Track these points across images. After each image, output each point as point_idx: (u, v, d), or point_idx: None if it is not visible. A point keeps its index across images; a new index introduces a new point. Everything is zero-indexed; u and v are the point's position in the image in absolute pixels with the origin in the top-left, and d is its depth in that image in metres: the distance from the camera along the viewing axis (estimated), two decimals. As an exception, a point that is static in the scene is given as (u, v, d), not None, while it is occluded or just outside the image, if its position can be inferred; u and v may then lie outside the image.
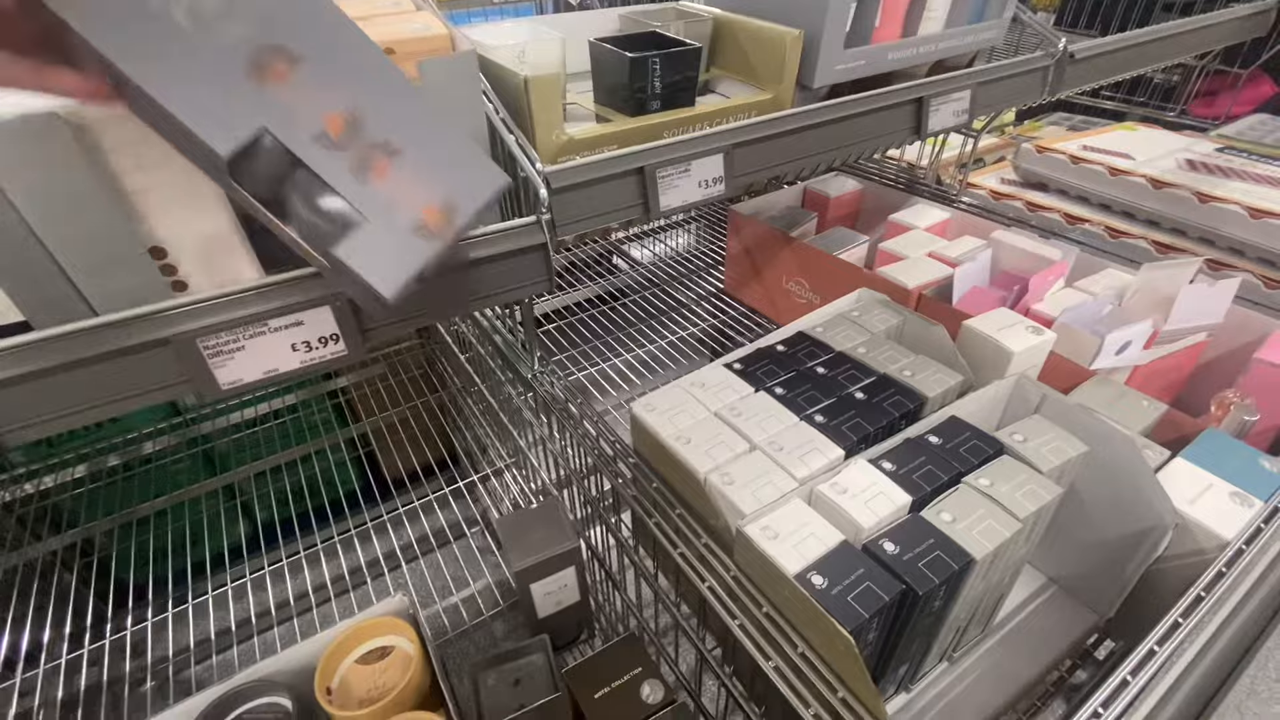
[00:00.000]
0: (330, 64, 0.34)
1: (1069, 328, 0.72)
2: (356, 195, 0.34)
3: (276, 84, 0.32)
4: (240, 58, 0.32)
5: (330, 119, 0.34)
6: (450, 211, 0.37)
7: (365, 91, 0.35)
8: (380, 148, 0.35)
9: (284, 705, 0.52)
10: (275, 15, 0.33)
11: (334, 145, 0.33)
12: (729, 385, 0.62)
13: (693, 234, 1.49)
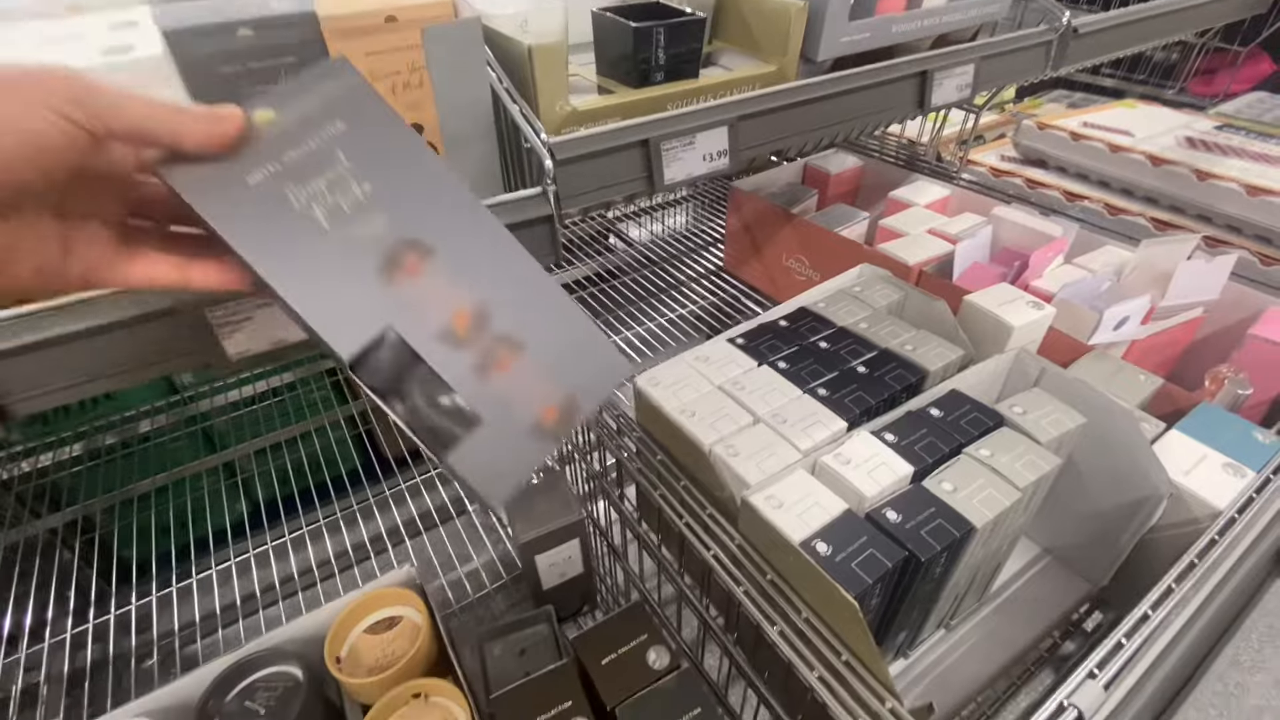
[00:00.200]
0: (463, 255, 0.32)
1: (1068, 303, 0.72)
2: (476, 395, 0.31)
3: (408, 280, 0.31)
4: (374, 254, 0.30)
5: (458, 314, 0.32)
6: (569, 410, 0.33)
7: (495, 283, 0.33)
8: (505, 342, 0.32)
9: (294, 674, 0.53)
10: (414, 206, 0.32)
11: (458, 342, 0.31)
12: (732, 360, 0.63)
13: (689, 212, 1.48)
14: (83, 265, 0.29)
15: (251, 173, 0.29)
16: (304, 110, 0.31)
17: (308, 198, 0.29)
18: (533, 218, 0.50)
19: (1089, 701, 0.41)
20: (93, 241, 0.29)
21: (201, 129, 0.28)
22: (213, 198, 0.28)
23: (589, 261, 1.27)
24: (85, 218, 0.29)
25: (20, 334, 0.36)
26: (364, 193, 0.31)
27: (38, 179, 0.25)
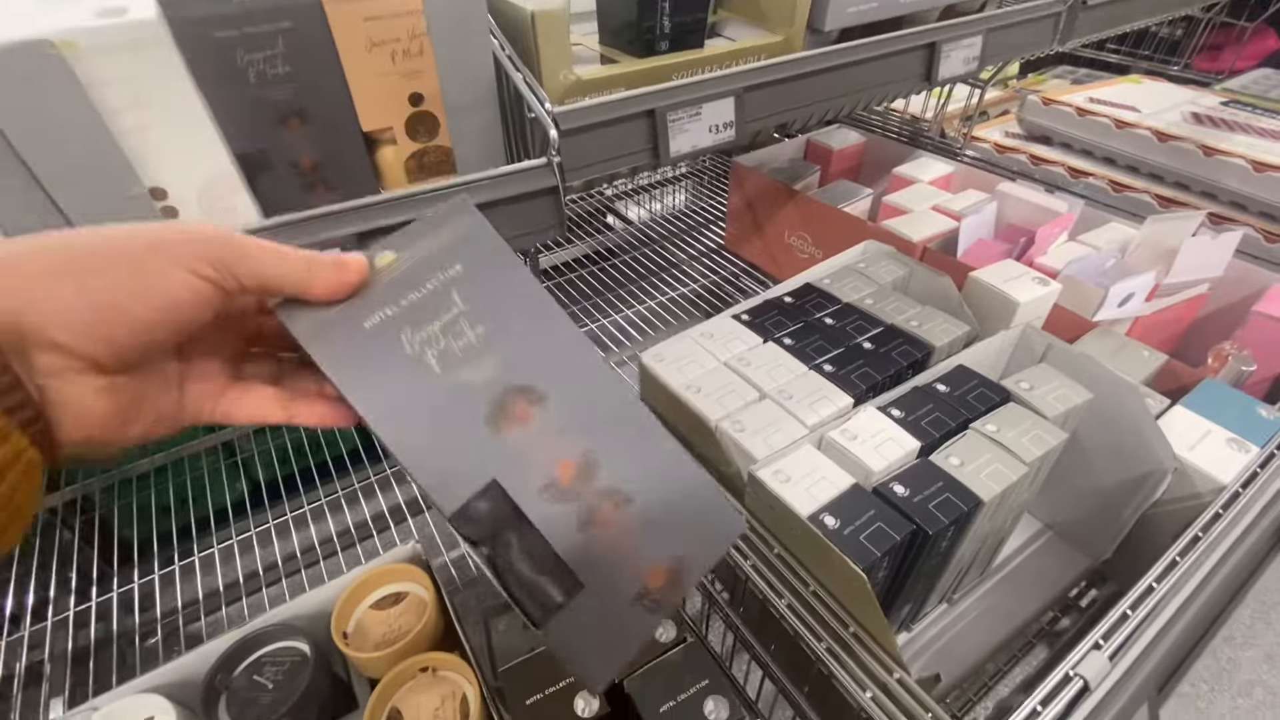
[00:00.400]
0: (572, 401, 0.30)
1: (1074, 279, 0.72)
2: (578, 555, 0.29)
3: (516, 428, 0.29)
4: (483, 401, 0.29)
5: (563, 464, 0.29)
6: (678, 574, 0.30)
7: (603, 430, 0.30)
8: (611, 495, 0.30)
9: (301, 649, 0.53)
10: (526, 350, 0.30)
11: (562, 495, 0.29)
12: (737, 336, 0.62)
13: (687, 190, 1.47)
14: (195, 405, 0.28)
15: (368, 316, 0.28)
16: (425, 252, 0.30)
17: (421, 342, 0.28)
18: (537, 189, 0.49)
19: (1094, 671, 0.42)
20: (207, 380, 0.29)
21: (328, 278, 0.27)
22: (329, 342, 0.27)
23: (586, 240, 1.26)
24: (205, 357, 0.29)
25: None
26: (477, 336, 0.29)
27: (170, 336, 0.25)
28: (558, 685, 0.48)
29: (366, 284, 0.28)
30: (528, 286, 0.31)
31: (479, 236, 0.31)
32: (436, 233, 0.30)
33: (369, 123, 0.52)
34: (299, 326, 0.27)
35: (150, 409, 0.26)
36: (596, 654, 0.28)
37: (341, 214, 0.45)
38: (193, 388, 0.28)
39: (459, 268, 0.30)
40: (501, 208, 0.48)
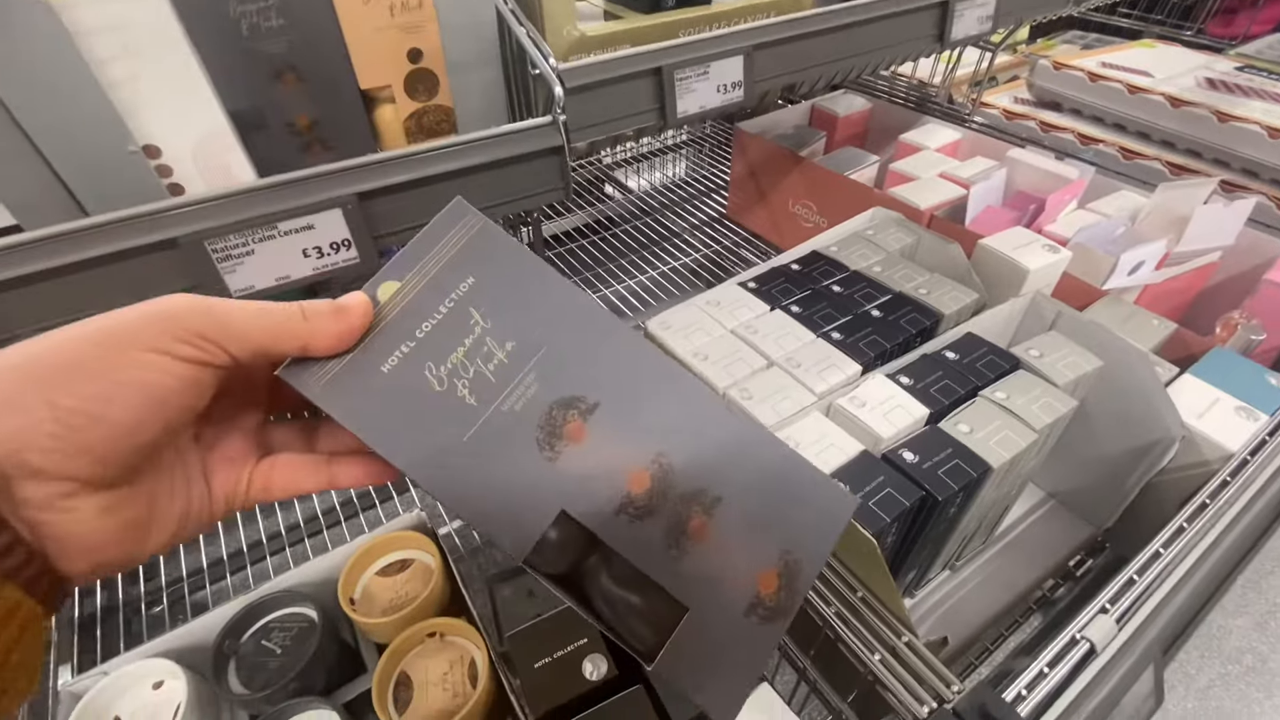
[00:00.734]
0: (626, 401, 0.27)
1: (1084, 247, 0.71)
2: (672, 576, 0.25)
3: (572, 449, 0.26)
4: (531, 426, 0.26)
5: (635, 477, 0.26)
6: (791, 573, 0.26)
7: (667, 425, 0.27)
8: (695, 500, 0.26)
9: (309, 614, 0.53)
10: (564, 355, 0.27)
11: (641, 512, 0.26)
12: (744, 304, 0.61)
13: (687, 159, 1.44)
14: (226, 492, 0.25)
15: (384, 359, 0.25)
16: (430, 273, 0.27)
17: (448, 374, 0.25)
18: (541, 149, 0.47)
19: (1101, 635, 0.42)
20: (233, 462, 0.26)
21: (329, 329, 0.24)
22: (347, 397, 0.25)
23: (583, 210, 1.24)
24: (226, 437, 0.26)
25: (15, 264, 0.35)
26: (507, 353, 0.26)
27: (165, 433, 0.22)
28: (565, 649, 0.48)
29: (373, 323, 0.25)
30: (549, 283, 0.28)
31: (485, 240, 0.27)
32: (438, 247, 0.27)
33: (367, 80, 0.50)
34: (311, 387, 0.24)
35: (173, 511, 0.23)
36: (717, 682, 0.25)
37: (339, 174, 0.43)
38: (220, 474, 0.25)
39: (471, 280, 0.27)
40: (504, 169, 0.47)
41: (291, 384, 0.24)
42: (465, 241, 0.27)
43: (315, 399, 0.24)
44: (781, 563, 0.26)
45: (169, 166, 0.43)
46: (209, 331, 0.21)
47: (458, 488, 0.25)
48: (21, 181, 0.39)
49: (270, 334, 0.23)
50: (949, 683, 0.39)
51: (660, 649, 0.25)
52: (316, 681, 0.51)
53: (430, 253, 0.27)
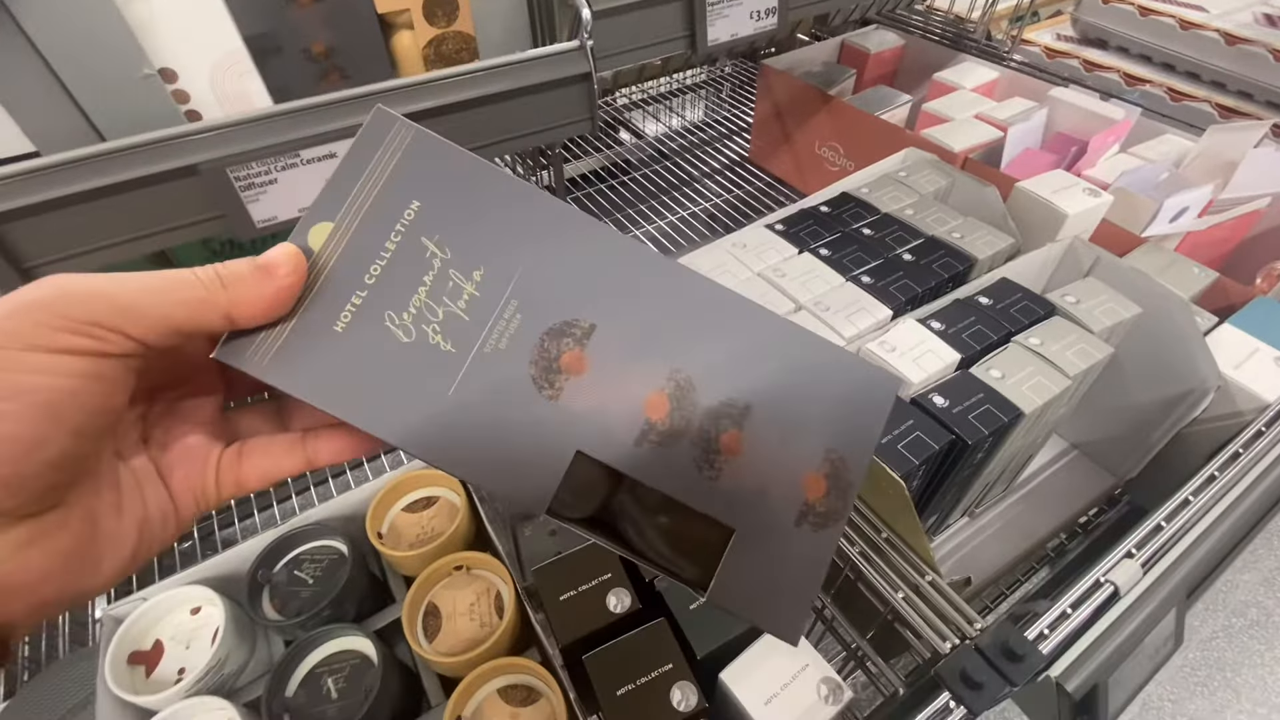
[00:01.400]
0: (626, 318, 0.23)
1: (1126, 192, 0.68)
2: (711, 499, 0.23)
3: (574, 382, 0.23)
4: (523, 364, 0.23)
5: (652, 401, 0.23)
6: (838, 472, 0.24)
7: (679, 337, 0.24)
8: (722, 414, 0.23)
9: (338, 547, 0.54)
10: (544, 274, 0.23)
11: (665, 437, 0.23)
12: (771, 246, 0.60)
13: (705, 100, 1.39)
14: (193, 492, 0.22)
15: (335, 316, 0.22)
16: (364, 203, 0.23)
17: (414, 321, 0.22)
18: (568, 76, 0.45)
19: (1125, 578, 0.42)
20: (191, 456, 0.22)
21: (254, 295, 0.20)
22: (303, 370, 0.21)
23: (596, 155, 1.20)
24: (176, 430, 0.22)
25: (35, 190, 0.34)
26: (477, 284, 0.23)
27: (77, 443, 0.18)
28: (589, 583, 0.49)
29: (311, 276, 0.22)
30: (509, 191, 0.23)
31: (422, 152, 0.23)
32: (368, 170, 0.23)
33: (384, 3, 0.48)
34: (256, 364, 0.21)
35: (125, 527, 0.20)
36: (777, 601, 0.23)
37: (360, 99, 0.42)
38: (180, 474, 0.22)
39: (416, 204, 0.23)
40: (528, 97, 0.45)
41: (234, 365, 0.21)
42: (399, 159, 0.23)
43: (264, 377, 0.21)
44: (826, 463, 0.24)
45: (186, 92, 0.42)
46: (100, 315, 0.18)
47: (455, 449, 0.22)
48: (39, 107, 0.38)
49: (182, 307, 0.19)
50: (971, 620, 0.40)
51: (711, 577, 0.23)
52: (348, 610, 0.52)
53: (360, 179, 0.23)
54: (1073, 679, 0.38)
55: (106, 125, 0.40)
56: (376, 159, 0.23)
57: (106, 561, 0.19)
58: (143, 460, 0.21)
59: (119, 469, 0.20)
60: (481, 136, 0.45)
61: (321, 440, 0.23)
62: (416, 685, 0.50)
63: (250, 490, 0.23)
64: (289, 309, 0.21)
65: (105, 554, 0.19)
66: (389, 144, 0.23)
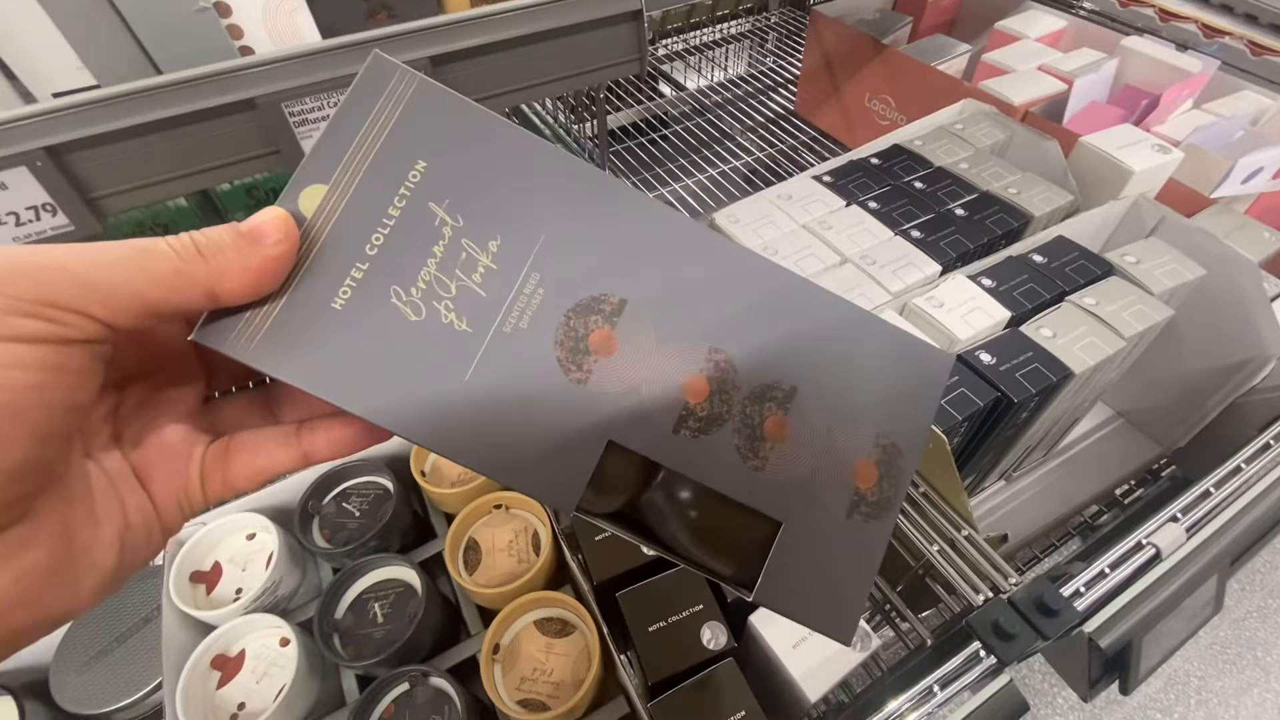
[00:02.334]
0: (660, 293, 0.21)
1: (1198, 149, 0.65)
2: (757, 491, 0.21)
3: (604, 364, 0.21)
4: (547, 344, 0.20)
5: (689, 384, 0.21)
6: (890, 459, 0.22)
7: (722, 313, 0.22)
8: (766, 397, 0.22)
9: (384, 483, 0.56)
10: (571, 246, 0.21)
11: (704, 424, 0.21)
12: (818, 198, 0.58)
13: (748, 51, 1.34)
14: (173, 494, 0.19)
15: (333, 291, 0.19)
16: (363, 162, 0.20)
17: (423, 297, 0.20)
18: (617, 13, 0.44)
19: (1168, 541, 0.41)
20: (172, 455, 0.20)
21: (239, 267, 0.18)
22: (297, 352, 0.19)
23: (635, 107, 1.17)
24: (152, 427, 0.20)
25: (98, 120, 0.35)
26: (493, 256, 0.20)
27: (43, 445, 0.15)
28: (624, 527, 0.51)
29: (304, 246, 0.19)
30: (526, 149, 0.21)
31: (427, 104, 0.20)
32: (366, 124, 0.20)
33: (433, -64, 0.47)
34: (242, 347, 0.19)
35: (103, 537, 0.18)
36: (829, 600, 0.21)
37: (409, 35, 0.41)
38: (160, 476, 0.19)
39: (422, 165, 0.20)
40: (578, 35, 0.44)
41: (213, 348, 0.18)
42: (401, 112, 0.20)
43: (253, 362, 0.19)
44: (878, 449, 0.22)
45: (239, 27, 0.42)
46: (57, 293, 0.15)
47: (473, 441, 0.20)
48: (99, 38, 0.39)
49: (156, 282, 0.16)
50: (1006, 574, 0.40)
51: (757, 575, 0.21)
52: (392, 541, 0.55)
53: (357, 136, 0.20)
54: (1106, 635, 0.38)
55: (164, 59, 0.41)
56: (376, 113, 0.20)
57: (86, 579, 0.17)
58: (116, 461, 0.19)
59: (90, 472, 0.18)
60: (528, 76, 0.44)
61: (319, 432, 0.21)
62: (457, 614, 0.52)
63: (241, 491, 0.20)
64: (279, 283, 0.19)
65: (83, 570, 0.17)
66: (390, 96, 0.20)
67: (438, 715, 0.44)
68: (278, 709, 0.43)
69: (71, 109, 0.34)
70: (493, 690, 0.43)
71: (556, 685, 0.45)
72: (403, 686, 0.45)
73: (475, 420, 0.20)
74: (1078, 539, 0.75)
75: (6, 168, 0.33)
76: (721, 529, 0.22)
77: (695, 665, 0.41)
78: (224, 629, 0.47)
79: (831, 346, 0.22)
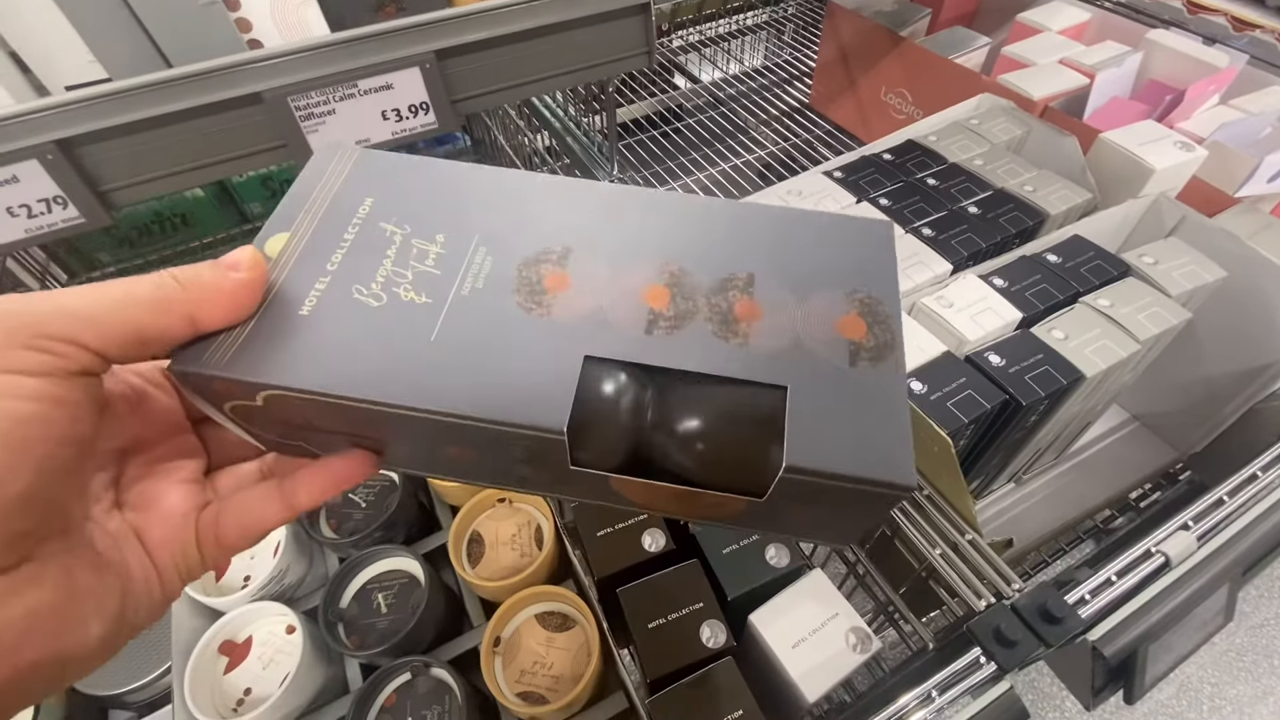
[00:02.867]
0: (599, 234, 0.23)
1: (1222, 146, 0.63)
2: (746, 364, 0.21)
3: (562, 295, 0.22)
4: (505, 296, 0.21)
5: (650, 293, 0.22)
6: (872, 308, 0.22)
7: (663, 235, 0.23)
8: (727, 287, 0.22)
9: (390, 475, 0.57)
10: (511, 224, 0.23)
11: (673, 320, 0.21)
12: (829, 194, 0.58)
13: (765, 43, 1.32)
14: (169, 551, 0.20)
15: (299, 303, 0.21)
16: (319, 210, 0.23)
17: (383, 287, 0.21)
18: (624, 6, 0.44)
19: (1178, 550, 0.41)
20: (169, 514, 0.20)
21: (214, 292, 0.19)
22: (272, 356, 0.20)
23: (649, 99, 1.16)
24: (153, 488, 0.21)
25: (109, 114, 0.35)
26: (442, 244, 0.23)
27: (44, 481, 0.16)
28: (626, 522, 0.51)
29: (271, 279, 0.21)
30: (463, 173, 0.24)
31: (371, 162, 0.24)
32: (321, 183, 0.23)
33: (441, -72, 0.47)
34: (215, 364, 0.19)
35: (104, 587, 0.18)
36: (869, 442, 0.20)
37: (416, 29, 0.41)
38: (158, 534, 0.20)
39: (370, 201, 0.23)
40: (584, 29, 0.44)
41: (190, 372, 0.19)
42: (349, 170, 0.24)
43: (225, 372, 0.19)
44: (855, 302, 0.22)
45: (248, 20, 0.42)
46: (50, 326, 0.16)
47: (447, 387, 0.20)
48: (112, 35, 0.39)
49: (140, 308, 0.18)
50: (1009, 580, 0.39)
51: (781, 439, 0.20)
52: (397, 532, 0.55)
53: (314, 193, 0.23)
54: (1111, 644, 0.37)
55: (173, 52, 0.41)
56: (329, 173, 0.23)
57: (93, 621, 0.18)
58: (118, 523, 0.20)
59: (93, 530, 0.19)
60: (534, 71, 0.44)
61: (299, 481, 0.22)
62: (459, 606, 0.53)
63: (234, 549, 0.21)
64: (252, 309, 0.20)
65: (90, 612, 0.17)
66: (339, 160, 0.24)
67: (438, 705, 0.45)
68: (283, 695, 0.44)
69: (79, 103, 0.34)
70: (493, 682, 0.44)
71: (556, 679, 0.45)
72: (405, 676, 0.46)
73: (445, 370, 0.20)
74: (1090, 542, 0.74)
75: (18, 160, 0.34)
76: (729, 410, 0.21)
77: (694, 663, 0.41)
78: (232, 615, 0.48)
79: (777, 238, 0.23)
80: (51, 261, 0.84)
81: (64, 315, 0.16)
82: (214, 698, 0.46)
